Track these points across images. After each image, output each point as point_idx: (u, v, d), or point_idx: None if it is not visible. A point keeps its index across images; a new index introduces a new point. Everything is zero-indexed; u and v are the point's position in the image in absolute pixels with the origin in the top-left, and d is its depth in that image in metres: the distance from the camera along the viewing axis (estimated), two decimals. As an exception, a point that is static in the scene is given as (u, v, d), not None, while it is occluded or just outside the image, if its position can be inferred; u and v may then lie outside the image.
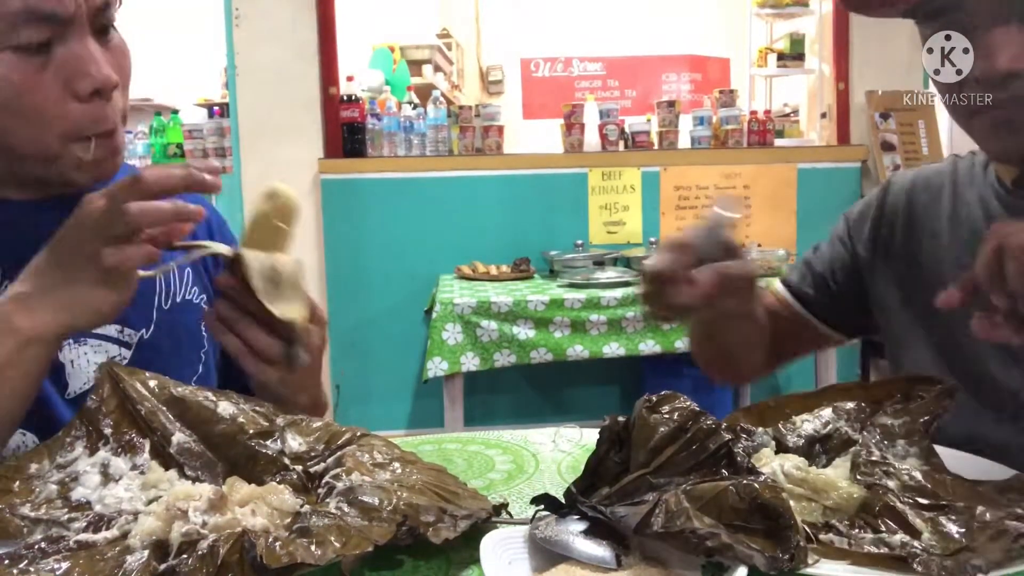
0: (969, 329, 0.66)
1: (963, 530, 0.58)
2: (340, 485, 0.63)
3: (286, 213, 0.75)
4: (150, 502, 0.60)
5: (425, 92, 4.09)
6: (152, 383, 0.70)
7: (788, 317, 1.04)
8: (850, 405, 0.73)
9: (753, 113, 3.51)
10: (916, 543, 0.57)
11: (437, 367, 2.56)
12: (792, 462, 0.66)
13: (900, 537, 0.57)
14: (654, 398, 0.64)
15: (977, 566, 0.53)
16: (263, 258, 0.73)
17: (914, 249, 0.94)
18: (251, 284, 0.71)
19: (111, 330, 0.82)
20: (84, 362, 0.80)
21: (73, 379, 0.79)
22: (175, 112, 3.64)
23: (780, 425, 0.74)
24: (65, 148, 0.74)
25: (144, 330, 0.85)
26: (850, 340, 1.08)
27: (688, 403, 0.64)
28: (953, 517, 0.60)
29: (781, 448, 0.72)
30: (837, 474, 0.66)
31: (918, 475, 0.65)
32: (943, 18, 0.76)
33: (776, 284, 1.07)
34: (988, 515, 0.59)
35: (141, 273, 0.73)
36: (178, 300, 0.89)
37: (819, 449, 0.72)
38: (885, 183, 1.01)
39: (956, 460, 0.70)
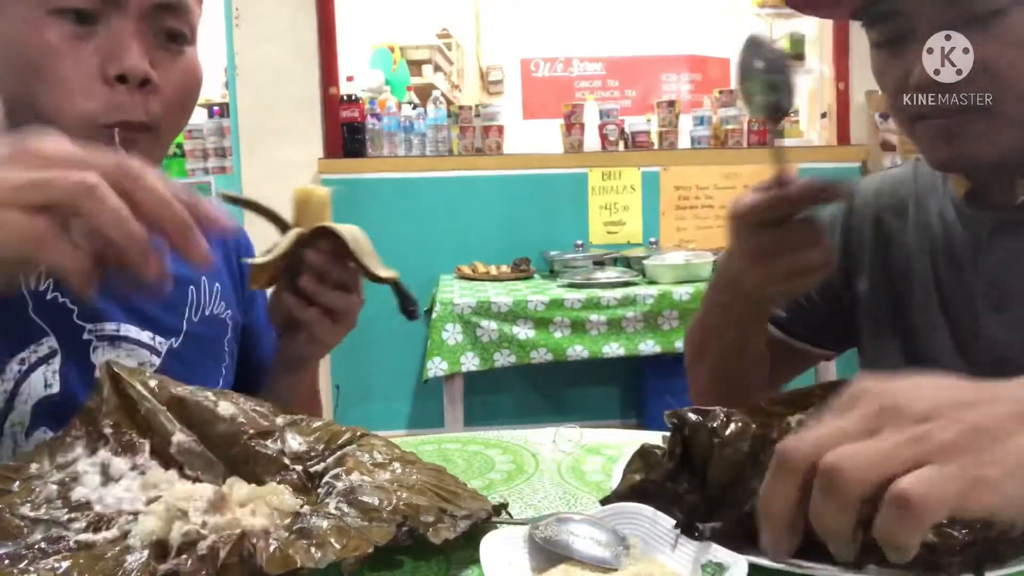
0: (940, 341, 0.65)
1: (965, 530, 0.58)
2: (340, 485, 0.63)
3: (326, 199, 0.82)
4: (150, 502, 0.60)
5: (425, 92, 4.10)
6: (152, 383, 0.70)
7: (769, 345, 0.95)
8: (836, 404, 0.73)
9: (753, 113, 3.51)
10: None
11: (437, 367, 2.56)
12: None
13: None
14: (718, 426, 0.63)
15: (985, 562, 0.53)
16: (346, 229, 0.78)
17: (883, 259, 0.92)
18: (351, 250, 0.78)
19: (144, 336, 0.83)
20: None
21: None
22: (175, 112, 3.64)
23: (776, 427, 0.74)
24: (86, 132, 0.71)
25: (174, 339, 0.85)
26: (838, 353, 1.02)
27: (751, 425, 0.63)
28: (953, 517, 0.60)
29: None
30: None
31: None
32: (887, 22, 0.75)
33: None
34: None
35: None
36: (207, 314, 0.90)
37: None
38: (848, 194, 0.98)
39: None
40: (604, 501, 0.66)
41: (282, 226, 0.82)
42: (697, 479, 0.62)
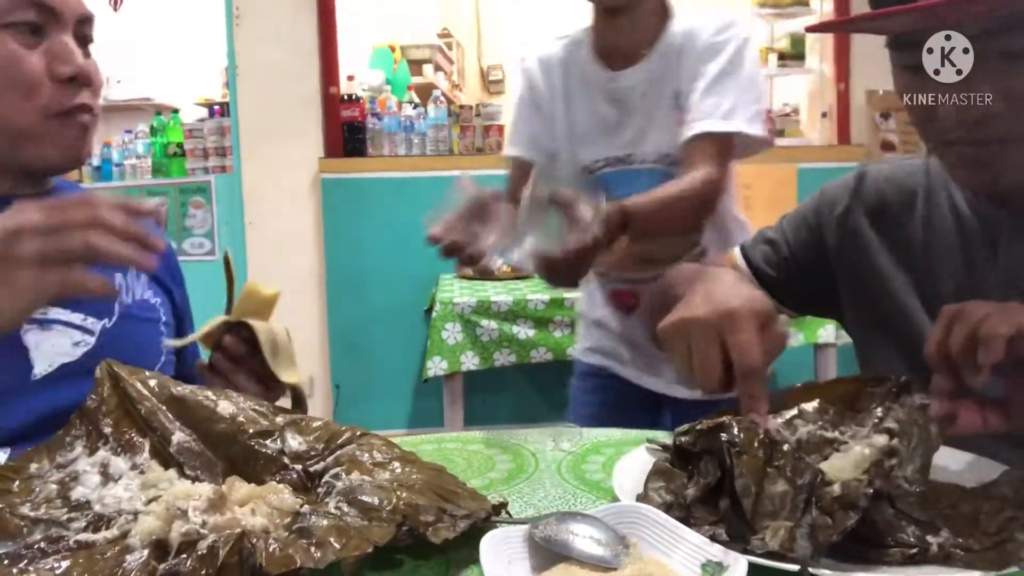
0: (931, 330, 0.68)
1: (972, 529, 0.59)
2: (340, 484, 0.63)
3: (272, 301, 0.88)
4: (150, 502, 0.60)
5: (425, 91, 4.09)
6: (152, 382, 0.70)
7: None
8: (813, 405, 0.72)
9: (753, 113, 3.51)
10: (936, 539, 0.57)
11: (437, 366, 2.56)
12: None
13: (914, 530, 0.58)
14: (737, 443, 0.63)
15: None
16: (265, 328, 0.86)
17: (882, 247, 0.92)
18: (263, 353, 0.85)
19: (75, 318, 0.87)
20: (48, 345, 0.84)
21: (38, 362, 0.83)
22: (175, 111, 3.63)
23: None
24: (44, 124, 0.83)
25: (107, 320, 0.90)
26: (801, 316, 1.07)
27: (761, 434, 0.64)
28: (962, 517, 0.61)
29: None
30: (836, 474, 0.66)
31: (918, 475, 0.65)
32: (915, 48, 0.74)
33: (736, 255, 1.03)
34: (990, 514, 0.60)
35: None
36: (137, 298, 0.96)
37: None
38: (859, 174, 0.98)
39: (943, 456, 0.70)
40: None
41: (228, 299, 0.89)
42: (725, 494, 0.62)
